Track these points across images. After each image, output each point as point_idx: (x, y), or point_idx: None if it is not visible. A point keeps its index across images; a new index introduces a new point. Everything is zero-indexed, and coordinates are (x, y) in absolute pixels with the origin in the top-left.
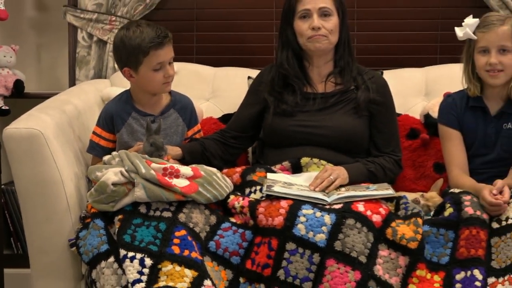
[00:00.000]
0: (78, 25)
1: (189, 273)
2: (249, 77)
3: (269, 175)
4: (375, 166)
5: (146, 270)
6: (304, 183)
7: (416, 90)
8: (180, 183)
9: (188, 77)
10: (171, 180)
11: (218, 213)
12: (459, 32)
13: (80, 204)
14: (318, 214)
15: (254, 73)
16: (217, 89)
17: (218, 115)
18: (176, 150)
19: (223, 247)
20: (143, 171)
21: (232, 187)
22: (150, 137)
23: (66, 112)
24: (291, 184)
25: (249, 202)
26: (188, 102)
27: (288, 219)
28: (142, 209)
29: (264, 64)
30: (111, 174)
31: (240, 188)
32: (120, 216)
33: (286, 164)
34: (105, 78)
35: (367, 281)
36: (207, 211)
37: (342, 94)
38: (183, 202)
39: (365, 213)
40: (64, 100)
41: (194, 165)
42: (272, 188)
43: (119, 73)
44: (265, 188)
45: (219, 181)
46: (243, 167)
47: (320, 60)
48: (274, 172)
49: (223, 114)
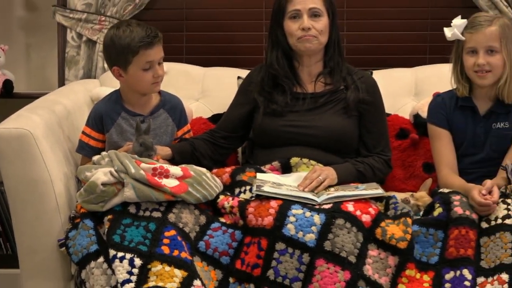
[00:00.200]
0: (68, 25)
1: (179, 273)
2: (239, 77)
3: (259, 175)
4: (364, 166)
5: (136, 270)
6: (294, 183)
7: (406, 90)
8: (170, 183)
9: (178, 77)
10: (161, 180)
11: (208, 213)
12: (448, 33)
13: (70, 204)
14: (308, 214)
15: (244, 73)
16: (207, 89)
17: (208, 115)
18: (166, 150)
19: (213, 247)
20: (133, 171)
21: (222, 187)
22: (140, 137)
23: (56, 112)
24: (281, 184)
25: (239, 202)
26: (178, 102)
27: (278, 219)
28: (132, 209)
29: (254, 64)
30: (101, 174)
31: (230, 188)
32: (110, 216)
33: (276, 164)
34: (95, 78)
35: (357, 281)
36: (197, 211)
37: (332, 94)
38: (173, 202)
39: (355, 213)
40: (54, 100)
41: (184, 165)
42: (262, 188)
43: (109, 73)
44: (255, 188)
45: (209, 181)
46: (233, 167)
47: (310, 60)
48: (264, 172)
49: (213, 114)
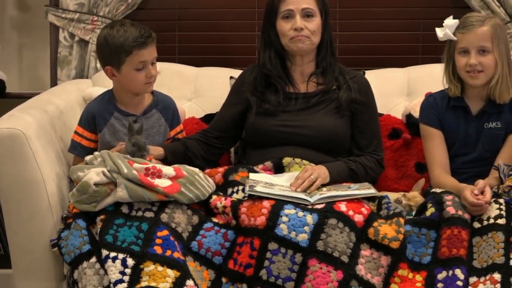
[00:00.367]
0: (60, 25)
1: (172, 273)
2: (231, 77)
3: (251, 175)
4: (356, 165)
5: (128, 270)
6: (286, 183)
7: (398, 90)
8: (163, 183)
9: (170, 77)
10: (153, 180)
11: (201, 213)
12: (440, 33)
13: (62, 204)
14: (300, 214)
15: (237, 73)
16: (200, 89)
17: (201, 115)
18: (159, 150)
19: (206, 247)
20: (125, 171)
21: (214, 187)
22: (132, 137)
23: (48, 112)
24: (273, 184)
25: (232, 202)
26: (171, 102)
27: (271, 219)
28: (124, 209)
29: (247, 64)
30: (93, 174)
31: (223, 188)
32: (102, 216)
33: (268, 164)
34: (87, 78)
35: (349, 281)
36: (190, 211)
37: (324, 94)
38: (165, 202)
39: (347, 213)
40: (46, 100)
41: (177, 165)
42: (255, 188)
43: (101, 73)
44: (247, 188)
45: (202, 181)
46: (226, 167)
47: (302, 60)
48: (257, 172)
49: (206, 114)
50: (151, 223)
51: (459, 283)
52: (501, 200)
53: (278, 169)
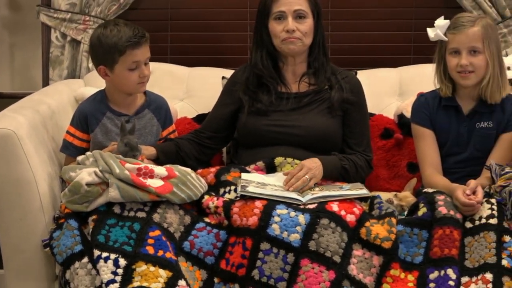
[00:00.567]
0: (52, 25)
1: (164, 274)
2: (224, 77)
3: (244, 175)
4: (349, 163)
5: (120, 271)
6: (278, 183)
7: (390, 90)
8: (155, 183)
9: (162, 77)
10: (146, 180)
11: (193, 213)
12: (431, 33)
13: (54, 204)
14: (293, 214)
15: (229, 73)
16: (192, 89)
17: (193, 115)
18: (151, 150)
19: (198, 247)
20: (117, 171)
21: (207, 187)
22: (125, 137)
23: (40, 112)
24: (265, 184)
25: (224, 202)
26: (163, 103)
27: (263, 219)
28: (116, 210)
29: (239, 64)
30: (85, 174)
31: (215, 188)
32: (94, 217)
33: (260, 164)
34: (79, 78)
35: (341, 281)
36: (182, 211)
37: (316, 94)
38: (158, 202)
39: (339, 213)
40: (38, 100)
41: (169, 165)
42: (247, 189)
43: (93, 73)
44: (239, 189)
45: (194, 181)
46: (218, 168)
47: (294, 61)
48: (249, 172)
49: (198, 114)
50: (143, 223)
51: (451, 283)
52: (493, 200)
53: (270, 169)
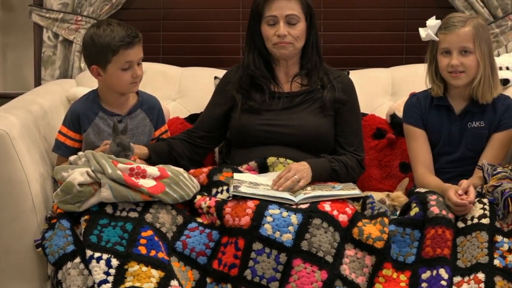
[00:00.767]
0: (44, 25)
1: (156, 274)
2: (216, 77)
3: (236, 175)
4: (339, 165)
5: (113, 271)
6: (270, 183)
7: (382, 90)
8: (147, 184)
9: (155, 77)
10: (138, 181)
11: (185, 213)
12: (422, 33)
13: (46, 205)
14: (285, 214)
15: (221, 73)
16: (184, 89)
17: (185, 115)
18: (143, 149)
19: (190, 247)
20: (110, 172)
21: (199, 187)
22: (117, 137)
23: (32, 112)
24: (258, 184)
25: (216, 202)
26: (156, 103)
27: (255, 219)
28: (109, 210)
29: (231, 64)
30: (77, 175)
31: (207, 188)
32: (86, 217)
33: (253, 164)
34: (71, 78)
35: (334, 281)
36: (174, 211)
37: (308, 94)
38: (150, 203)
39: (332, 213)
40: (30, 100)
41: (161, 165)
42: (239, 189)
43: (85, 73)
44: (232, 189)
45: (186, 181)
46: (210, 168)
47: (287, 63)
48: (241, 172)
49: (190, 114)
50: (136, 223)
51: (443, 283)
52: (485, 200)
53: (263, 169)
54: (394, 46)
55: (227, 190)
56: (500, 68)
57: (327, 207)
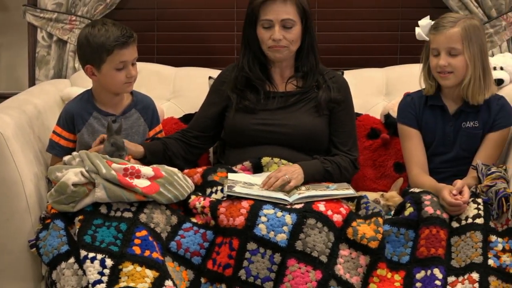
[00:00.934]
0: (38, 25)
1: (150, 274)
2: (210, 77)
3: (230, 175)
4: (332, 166)
5: (107, 271)
6: None
7: (377, 90)
8: (141, 184)
9: (149, 77)
10: (132, 181)
11: (179, 213)
12: (416, 33)
13: (40, 205)
14: (279, 214)
15: (215, 73)
16: (178, 89)
17: (179, 115)
18: (139, 148)
19: (184, 247)
20: (104, 172)
21: (193, 187)
22: (111, 137)
23: (26, 112)
24: (252, 184)
25: (210, 202)
26: (150, 102)
27: (249, 219)
28: (103, 210)
29: (225, 64)
30: (72, 175)
31: (201, 189)
32: (81, 217)
33: (247, 164)
34: (65, 78)
35: (328, 281)
36: (168, 211)
37: (303, 93)
38: (144, 203)
39: (326, 213)
40: (24, 100)
41: (155, 165)
42: (233, 189)
43: (80, 73)
44: (226, 189)
45: (180, 181)
46: (204, 168)
47: (281, 65)
48: (235, 172)
49: (184, 114)
50: (130, 223)
51: (438, 283)
52: (479, 200)
53: (257, 169)
54: (389, 46)
55: (222, 190)
56: (494, 68)
57: (322, 207)
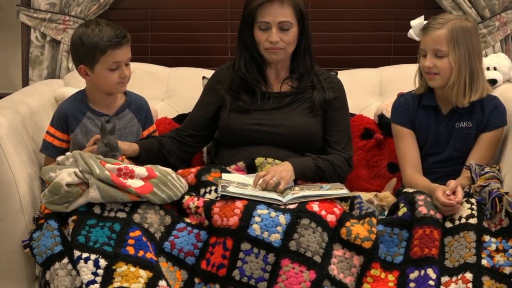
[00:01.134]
0: (31, 25)
1: (144, 274)
2: (204, 77)
3: (224, 175)
4: (324, 163)
5: (101, 271)
6: None
7: (370, 90)
8: (135, 184)
9: (143, 77)
10: (126, 181)
11: (173, 214)
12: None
13: (34, 205)
14: (273, 214)
15: (209, 73)
16: (172, 89)
17: (173, 115)
18: (134, 146)
19: (178, 248)
20: (98, 172)
21: (187, 188)
22: (105, 138)
23: (20, 112)
24: (246, 185)
25: (204, 203)
26: (144, 103)
27: (243, 219)
28: (97, 210)
29: (219, 64)
30: (65, 175)
31: (195, 189)
32: (74, 217)
33: (241, 165)
34: (59, 78)
35: (322, 281)
36: (162, 212)
37: (298, 94)
38: (138, 203)
39: (320, 213)
40: (18, 100)
41: (149, 166)
42: (227, 189)
43: (73, 73)
44: (220, 189)
45: (174, 182)
46: (198, 168)
47: (277, 66)
48: (229, 173)
49: (178, 114)
50: (124, 224)
51: (431, 283)
52: (473, 200)
53: (251, 169)
54: (382, 47)
55: (216, 190)
56: (488, 69)
57: (315, 207)
